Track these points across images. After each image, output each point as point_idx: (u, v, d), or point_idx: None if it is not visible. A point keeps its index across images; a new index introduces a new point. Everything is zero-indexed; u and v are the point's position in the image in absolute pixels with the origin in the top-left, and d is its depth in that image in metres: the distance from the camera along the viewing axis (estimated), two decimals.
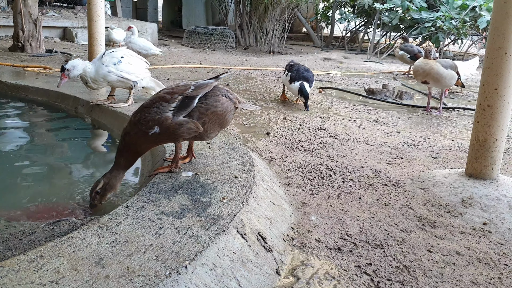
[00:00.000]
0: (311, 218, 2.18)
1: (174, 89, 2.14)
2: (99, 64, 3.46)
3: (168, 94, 2.11)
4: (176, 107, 2.08)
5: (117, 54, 3.52)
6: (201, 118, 2.12)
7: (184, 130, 2.09)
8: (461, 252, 1.94)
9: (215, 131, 2.23)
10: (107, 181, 2.06)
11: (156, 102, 2.10)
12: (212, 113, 2.14)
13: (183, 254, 1.49)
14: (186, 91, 2.12)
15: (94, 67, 3.46)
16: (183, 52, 9.05)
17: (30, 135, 3.36)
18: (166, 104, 2.08)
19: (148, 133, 2.06)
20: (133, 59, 3.59)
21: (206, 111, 2.12)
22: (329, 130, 3.80)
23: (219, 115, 2.16)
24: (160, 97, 2.11)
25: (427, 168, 2.99)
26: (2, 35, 8.28)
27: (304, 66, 4.77)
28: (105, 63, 3.45)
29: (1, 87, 4.49)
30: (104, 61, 3.45)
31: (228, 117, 2.22)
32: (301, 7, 11.65)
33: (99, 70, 3.44)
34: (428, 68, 4.50)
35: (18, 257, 1.40)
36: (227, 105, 2.19)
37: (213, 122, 2.16)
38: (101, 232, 1.58)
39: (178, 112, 2.08)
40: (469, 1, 9.33)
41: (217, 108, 2.15)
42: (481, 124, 2.45)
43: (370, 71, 8.04)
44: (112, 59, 3.47)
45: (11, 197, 2.27)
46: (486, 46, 2.40)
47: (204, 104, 2.13)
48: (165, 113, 2.07)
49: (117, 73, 3.47)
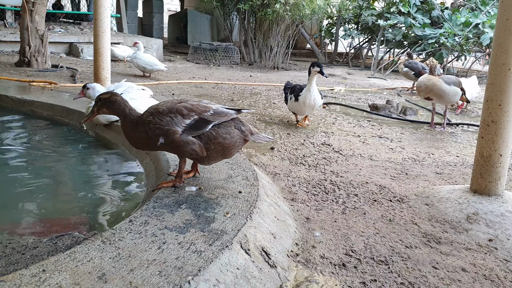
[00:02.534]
0: (316, 233, 2.16)
1: (194, 106, 2.11)
2: None
3: (186, 109, 2.09)
4: (188, 125, 2.07)
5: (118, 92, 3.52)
6: (208, 144, 2.10)
7: (189, 149, 2.08)
8: (466, 269, 1.92)
9: (216, 159, 2.20)
10: (113, 101, 2.13)
11: (172, 112, 2.08)
12: (219, 143, 2.11)
13: (186, 269, 1.48)
14: (204, 113, 2.10)
15: None
16: (188, 67, 9.12)
17: (34, 149, 3.37)
18: (180, 118, 2.07)
19: (152, 139, 2.07)
20: (134, 93, 3.59)
21: (214, 140, 2.10)
22: (333, 145, 3.80)
23: (225, 147, 2.14)
24: (177, 109, 2.09)
25: (432, 184, 2.98)
26: (9, 50, 8.38)
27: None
28: None
29: (7, 101, 4.53)
30: None
31: (233, 150, 2.18)
32: (305, 24, 11.77)
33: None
34: (431, 84, 4.51)
35: (20, 271, 1.39)
36: (236, 139, 2.15)
37: (217, 152, 2.14)
38: (104, 247, 1.57)
39: (189, 130, 2.07)
40: (472, 18, 9.38)
41: (225, 140, 2.12)
42: (486, 140, 2.45)
43: (374, 87, 8.06)
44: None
45: (14, 211, 2.27)
46: (490, 62, 2.41)
47: (215, 132, 2.10)
48: (175, 127, 2.06)
49: None
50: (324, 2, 9.97)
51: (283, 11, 9.22)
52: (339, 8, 11.13)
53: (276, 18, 9.72)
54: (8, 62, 7.25)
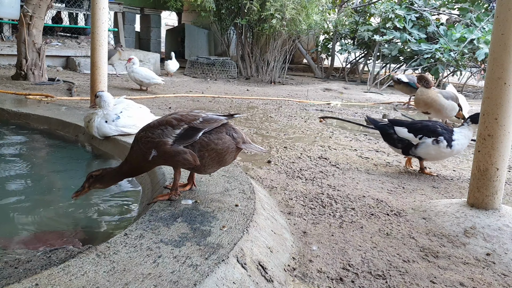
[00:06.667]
0: (313, 247, 2.15)
1: (184, 116, 2.13)
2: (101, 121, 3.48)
3: (175, 120, 2.11)
4: (178, 135, 2.08)
5: (116, 109, 3.54)
6: (201, 151, 2.10)
7: (181, 159, 2.08)
8: (464, 283, 1.90)
9: (213, 167, 2.19)
10: (105, 174, 2.12)
11: (162, 124, 2.11)
12: (212, 149, 2.11)
13: (182, 283, 1.45)
14: (193, 121, 2.11)
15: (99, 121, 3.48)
16: (185, 81, 9.15)
17: (29, 161, 3.35)
18: (170, 129, 2.09)
19: (146, 153, 2.09)
20: (132, 111, 3.61)
21: (207, 146, 2.10)
22: (330, 159, 3.80)
23: (218, 153, 2.12)
24: (167, 121, 2.11)
25: (429, 198, 2.97)
26: (6, 63, 8.39)
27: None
28: (108, 120, 3.48)
29: (2, 114, 4.52)
30: (107, 118, 3.49)
31: (227, 157, 2.16)
32: (302, 39, 11.85)
33: (101, 128, 3.49)
34: (430, 99, 4.53)
35: (12, 285, 1.37)
36: (229, 144, 2.13)
37: (211, 159, 2.13)
38: (99, 260, 1.55)
39: (179, 140, 2.08)
40: (467, 34, 9.49)
41: (217, 146, 2.11)
42: (482, 154, 2.45)
43: (370, 101, 8.10)
44: (111, 115, 3.50)
45: (8, 225, 2.24)
46: (486, 76, 2.42)
47: (206, 139, 2.10)
48: (166, 138, 2.07)
49: (117, 129, 3.51)
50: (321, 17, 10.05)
51: (280, 26, 9.30)
52: (335, 24, 11.22)
53: (273, 33, 9.79)
54: (5, 75, 7.25)
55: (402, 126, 3.46)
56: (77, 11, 11.06)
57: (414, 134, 3.37)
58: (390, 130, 3.50)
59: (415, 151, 3.39)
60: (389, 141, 3.54)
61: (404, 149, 3.45)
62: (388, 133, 3.51)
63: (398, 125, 3.48)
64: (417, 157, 3.45)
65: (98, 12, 4.52)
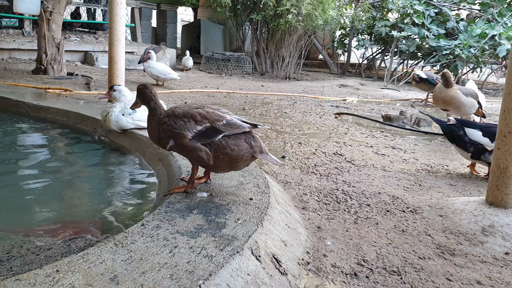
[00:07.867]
0: (327, 242, 2.15)
1: (209, 114, 2.12)
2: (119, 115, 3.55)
3: (200, 116, 2.11)
4: (199, 132, 2.09)
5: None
6: (216, 153, 2.10)
7: (196, 155, 2.10)
8: (482, 282, 1.88)
9: (224, 169, 2.20)
10: (143, 92, 2.24)
11: (186, 116, 2.12)
12: (227, 154, 2.11)
13: (197, 273, 1.47)
14: (217, 122, 2.10)
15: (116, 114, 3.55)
16: (200, 77, 9.19)
17: (49, 154, 3.41)
18: (193, 124, 2.10)
19: (164, 139, 2.14)
20: None
21: (222, 150, 2.10)
22: (345, 155, 3.78)
23: (232, 159, 2.12)
24: (191, 115, 2.12)
25: (446, 196, 2.94)
26: (26, 58, 8.53)
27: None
28: (125, 113, 3.55)
29: (23, 107, 4.61)
30: (124, 112, 3.56)
31: (240, 164, 2.16)
32: (318, 35, 11.79)
33: (119, 121, 3.56)
34: (450, 96, 4.47)
35: (34, 271, 1.40)
36: (244, 153, 2.12)
37: (224, 162, 2.13)
38: (117, 249, 1.58)
39: (198, 137, 2.09)
40: (488, 30, 9.30)
41: (233, 152, 2.10)
42: (502, 151, 2.41)
43: (387, 98, 8.03)
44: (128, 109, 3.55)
45: (29, 214, 2.30)
46: (507, 72, 2.38)
47: (224, 142, 2.10)
48: (186, 131, 2.09)
49: (133, 123, 3.58)
50: (337, 12, 9.98)
51: (296, 22, 9.26)
52: (352, 19, 11.13)
53: (288, 29, 9.76)
54: (25, 69, 7.37)
55: (475, 129, 3.26)
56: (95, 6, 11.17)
57: (490, 139, 3.15)
58: (460, 131, 3.31)
59: (489, 157, 3.18)
60: (458, 144, 3.33)
61: (475, 154, 3.26)
62: (458, 135, 3.30)
63: (470, 126, 3.29)
64: (488, 163, 3.25)
65: (116, 7, 4.57)
